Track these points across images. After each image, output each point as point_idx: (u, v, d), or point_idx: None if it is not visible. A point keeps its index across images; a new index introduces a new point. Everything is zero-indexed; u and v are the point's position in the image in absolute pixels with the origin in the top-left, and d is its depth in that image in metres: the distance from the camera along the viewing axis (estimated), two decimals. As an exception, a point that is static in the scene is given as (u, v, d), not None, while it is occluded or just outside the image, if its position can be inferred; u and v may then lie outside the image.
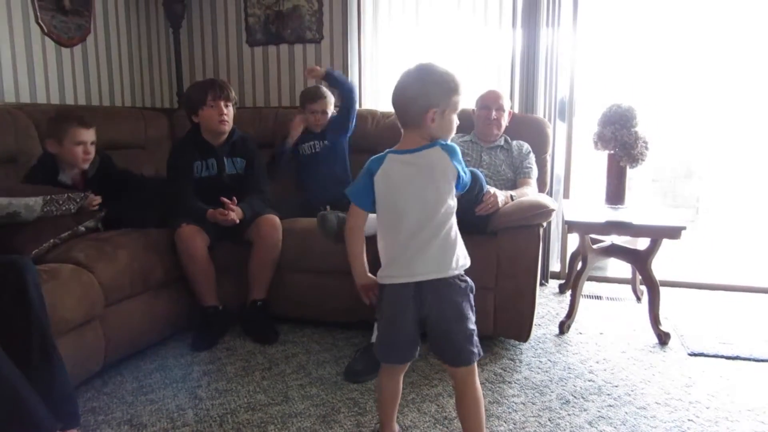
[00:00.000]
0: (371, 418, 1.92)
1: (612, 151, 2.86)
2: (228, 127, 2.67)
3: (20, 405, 1.55)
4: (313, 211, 2.83)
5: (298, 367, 2.30)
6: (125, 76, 3.59)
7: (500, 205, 2.41)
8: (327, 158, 3.02)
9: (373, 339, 2.29)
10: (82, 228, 2.31)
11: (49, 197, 2.19)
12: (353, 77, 3.64)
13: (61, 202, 2.23)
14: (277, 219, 2.63)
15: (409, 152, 1.54)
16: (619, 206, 2.89)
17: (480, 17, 3.44)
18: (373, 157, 1.59)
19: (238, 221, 2.50)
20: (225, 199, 2.49)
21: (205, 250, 2.51)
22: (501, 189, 2.57)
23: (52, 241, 2.17)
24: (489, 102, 2.86)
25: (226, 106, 2.64)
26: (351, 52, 3.63)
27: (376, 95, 3.67)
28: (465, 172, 1.58)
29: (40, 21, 2.99)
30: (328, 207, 2.79)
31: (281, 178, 3.10)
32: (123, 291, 2.21)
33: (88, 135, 2.42)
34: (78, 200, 2.29)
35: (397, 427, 1.77)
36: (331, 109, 3.09)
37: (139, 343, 2.35)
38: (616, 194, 2.92)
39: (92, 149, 2.45)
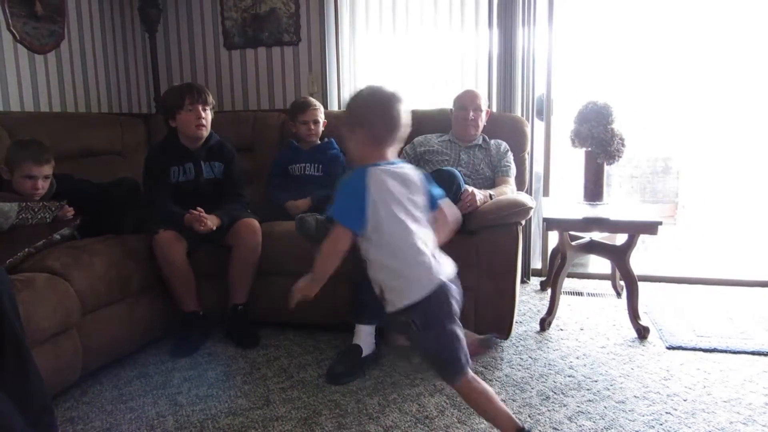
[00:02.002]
0: (353, 419, 1.92)
1: (589, 149, 2.89)
2: (206, 131, 2.66)
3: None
4: (292, 215, 2.84)
5: (280, 371, 2.30)
6: (101, 82, 3.56)
7: (478, 204, 2.43)
8: (321, 181, 2.97)
9: (355, 340, 2.30)
10: (57, 236, 2.28)
11: (24, 204, 2.17)
12: (331, 79, 3.64)
13: (36, 210, 2.21)
14: (256, 222, 2.61)
15: (391, 164, 1.58)
16: (598, 203, 2.92)
17: (457, 18, 3.46)
18: (349, 178, 1.55)
19: (214, 228, 2.49)
20: (195, 212, 2.47)
21: (184, 256, 2.49)
22: (480, 188, 2.59)
23: (26, 250, 2.14)
24: (466, 102, 2.88)
25: (204, 110, 2.62)
26: (329, 54, 3.63)
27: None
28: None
29: (11, 28, 2.95)
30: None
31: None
32: (100, 299, 2.19)
33: (40, 171, 2.28)
34: (53, 209, 2.27)
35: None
36: (323, 118, 3.05)
37: (118, 350, 2.33)
38: (594, 191, 2.95)
39: (44, 184, 2.30)
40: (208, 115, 2.65)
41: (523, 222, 2.55)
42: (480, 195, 2.45)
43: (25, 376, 1.67)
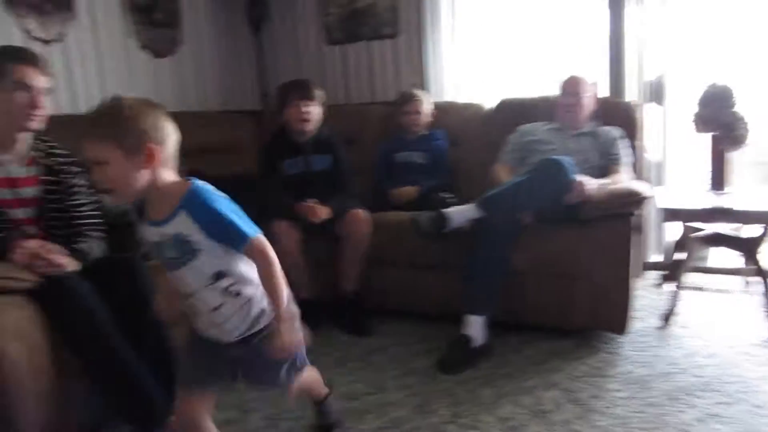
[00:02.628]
0: (467, 409, 1.92)
1: (715, 133, 2.70)
2: (309, 126, 2.73)
3: (139, 388, 1.68)
4: (397, 203, 2.87)
5: (392, 359, 2.34)
6: (215, 82, 3.76)
7: (590, 193, 2.34)
8: (425, 169, 3.01)
9: (465, 331, 2.29)
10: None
11: None
12: (429, 69, 3.62)
13: None
14: (365, 213, 2.67)
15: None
16: (721, 192, 2.73)
17: (562, 0, 3.33)
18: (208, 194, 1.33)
19: (324, 217, 2.56)
20: (309, 203, 2.56)
21: (297, 245, 2.59)
22: (591, 177, 2.49)
23: (159, 239, 2.30)
24: (567, 88, 2.78)
25: (307, 105, 2.69)
26: (429, 45, 3.62)
27: (454, 87, 3.63)
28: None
29: (136, 35, 3.18)
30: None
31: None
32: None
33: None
34: None
35: None
36: (427, 109, 3.08)
37: (239, 335, 2.45)
38: (717, 179, 2.75)
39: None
40: (312, 110, 2.72)
41: (638, 212, 2.44)
42: (592, 184, 2.36)
43: (164, 352, 1.81)
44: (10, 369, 1.49)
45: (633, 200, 2.34)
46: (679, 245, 2.87)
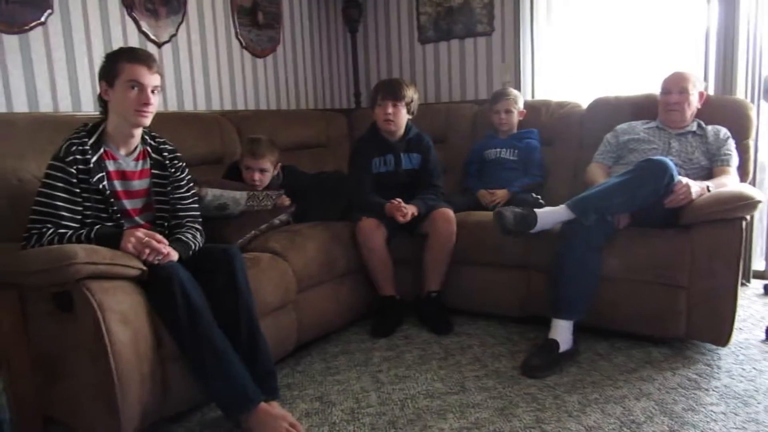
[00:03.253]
0: (551, 415, 1.87)
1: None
2: (393, 126, 2.75)
3: (230, 375, 1.77)
4: (484, 204, 2.85)
5: (474, 359, 2.32)
6: (309, 81, 3.89)
7: (693, 196, 2.21)
8: (515, 166, 2.97)
9: (552, 335, 2.23)
10: (276, 221, 2.55)
11: (252, 193, 2.45)
12: (525, 67, 3.55)
13: (261, 198, 2.49)
14: (451, 212, 2.67)
15: None
16: None
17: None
18: None
19: (410, 218, 2.58)
20: (395, 202, 2.58)
21: (384, 243, 2.63)
22: (695, 179, 2.35)
23: (253, 232, 2.42)
24: (669, 85, 2.63)
25: (395, 105, 2.71)
26: (524, 42, 3.54)
27: (549, 84, 3.54)
28: None
29: (239, 36, 3.35)
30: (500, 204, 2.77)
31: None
32: (312, 278, 2.40)
33: (256, 164, 2.53)
34: (274, 197, 2.54)
35: None
36: (517, 108, 3.04)
37: (325, 327, 2.53)
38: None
39: (260, 176, 2.53)
40: (398, 111, 2.72)
41: (748, 217, 2.26)
42: (696, 187, 2.22)
43: (255, 343, 1.90)
44: (116, 350, 1.62)
45: (742, 204, 2.17)
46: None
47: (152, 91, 1.86)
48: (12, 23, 2.32)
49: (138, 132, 1.94)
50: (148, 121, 1.89)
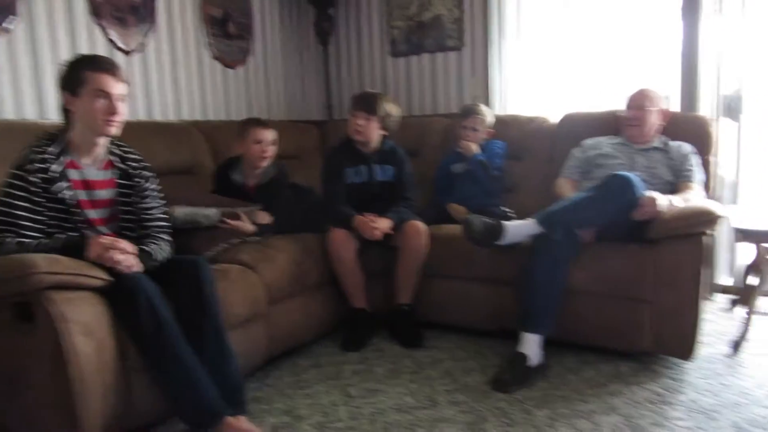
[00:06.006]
0: (520, 430, 1.88)
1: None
2: (361, 137, 2.75)
3: (196, 388, 1.73)
4: (454, 217, 2.85)
5: (445, 373, 2.32)
6: (281, 92, 3.87)
7: (661, 209, 2.25)
8: (478, 177, 2.99)
9: (521, 349, 2.24)
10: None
11: (226, 210, 2.41)
12: (495, 81, 3.60)
13: (235, 215, 2.44)
14: (422, 225, 2.66)
15: None
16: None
17: (632, 11, 3.23)
18: None
19: (382, 238, 2.57)
20: (366, 217, 2.58)
21: (355, 254, 2.61)
22: (660, 193, 2.40)
23: (223, 245, 2.38)
24: (631, 102, 2.70)
25: (367, 118, 2.70)
26: (493, 57, 3.59)
27: (519, 99, 3.59)
28: None
29: (209, 46, 3.32)
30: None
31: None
32: (283, 291, 2.37)
33: (266, 134, 2.64)
34: (248, 213, 2.50)
35: None
36: (484, 128, 3.05)
37: (295, 340, 2.50)
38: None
39: (270, 149, 2.65)
40: (369, 124, 2.72)
41: (711, 232, 2.32)
42: (663, 200, 2.27)
43: (222, 355, 1.86)
44: (78, 362, 1.58)
45: (705, 219, 2.23)
46: (753, 268, 2.72)
47: (119, 100, 1.82)
48: (-26, 28, 2.25)
49: (103, 141, 1.89)
50: (116, 131, 1.85)
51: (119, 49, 2.82)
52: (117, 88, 1.81)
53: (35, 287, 1.56)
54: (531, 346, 2.25)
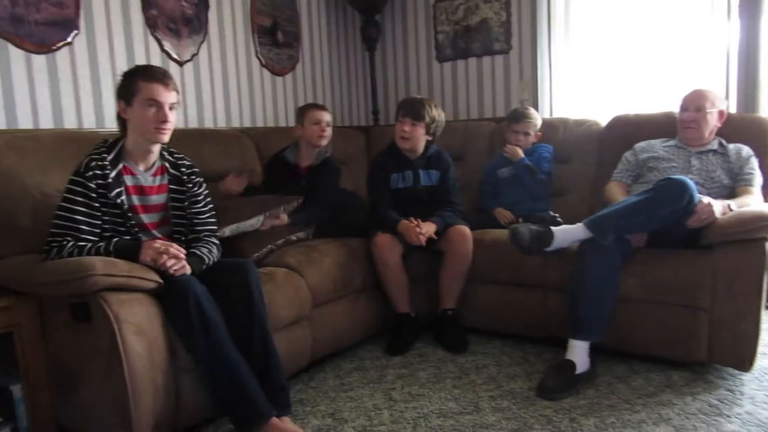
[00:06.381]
0: (567, 437, 1.84)
1: None
2: (407, 144, 2.75)
3: (244, 389, 1.77)
4: (502, 223, 2.83)
5: (489, 379, 2.29)
6: (327, 98, 3.93)
7: (717, 215, 2.17)
8: (525, 181, 2.95)
9: (569, 356, 2.20)
10: (293, 237, 2.57)
11: (267, 213, 2.47)
12: (543, 84, 3.55)
13: (275, 211, 2.51)
14: (467, 230, 2.66)
15: None
16: None
17: (687, 10, 3.13)
18: None
19: (425, 244, 2.57)
20: (411, 222, 2.58)
21: (399, 259, 2.62)
22: (716, 198, 2.31)
23: (269, 246, 2.44)
24: (687, 103, 2.60)
25: (413, 124, 2.71)
26: (541, 59, 3.55)
27: (567, 102, 3.53)
28: None
29: (259, 55, 3.40)
30: (520, 219, 2.75)
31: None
32: (327, 294, 2.40)
33: (323, 115, 2.83)
34: (283, 209, 2.57)
35: None
36: (534, 132, 3.03)
37: (339, 343, 2.52)
38: None
39: (328, 130, 2.84)
40: (416, 130, 2.72)
41: (772, 238, 2.22)
42: (718, 206, 2.19)
43: (267, 357, 1.90)
44: (130, 360, 1.64)
45: (765, 225, 2.13)
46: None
47: (170, 108, 1.89)
48: (40, 43, 2.38)
49: (156, 148, 1.97)
50: (166, 138, 1.92)
51: (173, 59, 2.93)
52: (167, 96, 1.88)
53: (92, 289, 1.64)
54: (579, 353, 2.20)
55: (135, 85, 1.86)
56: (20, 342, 1.81)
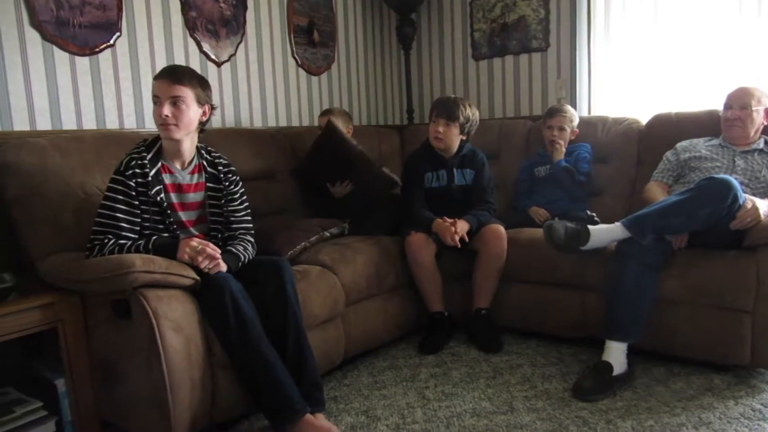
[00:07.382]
0: (602, 441, 1.81)
1: None
2: (441, 144, 2.74)
3: (277, 385, 1.79)
4: (538, 222, 2.79)
5: (523, 379, 2.27)
6: (362, 98, 3.95)
7: (762, 217, 2.10)
8: (563, 182, 2.91)
9: (605, 357, 2.16)
10: (327, 233, 2.59)
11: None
12: (582, 83, 3.49)
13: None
14: (502, 228, 2.63)
15: None
16: None
17: (732, 4, 3.03)
18: None
19: (459, 246, 2.56)
20: (445, 221, 2.58)
21: (432, 258, 2.62)
22: (761, 198, 2.23)
23: (303, 243, 2.46)
24: (731, 100, 2.51)
25: (447, 124, 2.69)
26: (580, 57, 3.48)
27: (606, 100, 3.46)
28: None
29: (295, 55, 3.44)
30: (556, 218, 2.71)
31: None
32: (361, 292, 2.41)
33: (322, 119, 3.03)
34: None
35: None
36: (571, 128, 2.99)
37: (373, 341, 2.53)
38: None
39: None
40: (449, 130, 2.71)
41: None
42: (764, 207, 2.11)
43: (301, 354, 1.92)
44: (169, 356, 1.68)
45: (813, 226, 2.05)
46: None
47: (174, 103, 1.88)
48: (84, 46, 2.46)
49: (188, 146, 1.99)
50: (173, 134, 1.91)
51: (212, 60, 2.99)
52: (168, 91, 1.88)
53: (131, 285, 1.68)
54: (616, 354, 2.16)
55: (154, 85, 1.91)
56: (64, 337, 1.87)
